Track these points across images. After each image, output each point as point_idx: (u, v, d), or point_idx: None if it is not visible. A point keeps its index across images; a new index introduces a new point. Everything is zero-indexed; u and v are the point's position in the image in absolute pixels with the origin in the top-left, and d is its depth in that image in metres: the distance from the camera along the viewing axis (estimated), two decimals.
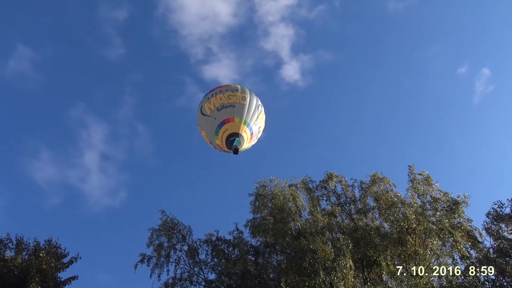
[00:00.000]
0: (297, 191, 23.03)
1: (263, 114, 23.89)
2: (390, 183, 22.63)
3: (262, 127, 24.09)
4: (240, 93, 22.86)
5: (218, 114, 22.47)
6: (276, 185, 23.04)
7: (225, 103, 22.43)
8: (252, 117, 22.73)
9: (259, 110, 23.33)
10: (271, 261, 21.42)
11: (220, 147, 23.13)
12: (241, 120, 22.35)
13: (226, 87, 23.39)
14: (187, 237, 21.60)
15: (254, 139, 23.75)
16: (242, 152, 22.43)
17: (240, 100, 22.71)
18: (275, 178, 23.32)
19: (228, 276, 20.68)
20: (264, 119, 24.28)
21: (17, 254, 16.43)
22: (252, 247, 21.73)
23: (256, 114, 23.02)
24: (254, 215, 22.30)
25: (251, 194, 22.92)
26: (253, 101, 23.04)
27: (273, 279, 20.84)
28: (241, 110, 22.56)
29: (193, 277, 20.80)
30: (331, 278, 17.27)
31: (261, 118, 23.63)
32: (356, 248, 19.29)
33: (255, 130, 23.26)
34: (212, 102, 22.79)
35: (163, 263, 20.54)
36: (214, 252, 21.45)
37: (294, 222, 21.85)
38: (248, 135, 22.65)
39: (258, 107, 23.29)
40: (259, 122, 23.43)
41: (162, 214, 21.67)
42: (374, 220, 21.88)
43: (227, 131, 22.30)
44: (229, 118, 22.19)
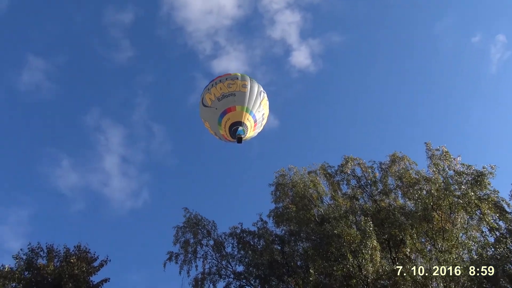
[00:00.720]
0: (317, 178, 22.90)
1: (266, 100, 23.65)
2: (410, 161, 22.37)
3: (266, 113, 23.86)
4: (240, 80, 22.68)
5: (219, 104, 22.36)
6: (295, 173, 22.94)
7: (226, 92, 22.25)
8: (255, 104, 22.50)
9: (261, 97, 23.10)
10: (297, 249, 21.49)
11: (225, 137, 23.06)
12: (243, 108, 22.17)
13: (226, 76, 23.21)
14: (212, 231, 21.77)
15: (258, 127, 23.58)
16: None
17: (241, 88, 22.50)
18: (293, 167, 23.24)
19: (256, 267, 20.83)
20: (268, 105, 24.02)
21: (49, 262, 16.74)
22: (277, 236, 21.80)
23: (259, 100, 22.80)
24: (276, 204, 22.33)
25: (271, 184, 22.91)
26: (254, 88, 22.79)
27: (301, 266, 20.90)
28: (242, 98, 22.33)
29: (221, 270, 21.00)
30: (359, 261, 17.26)
31: (264, 105, 23.38)
32: (381, 229, 19.21)
33: (259, 117, 23.07)
34: (212, 93, 22.67)
35: (191, 259, 20.77)
36: (240, 245, 21.59)
37: (316, 208, 21.80)
38: (251, 123, 22.48)
39: (260, 94, 23.05)
40: (263, 108, 23.20)
41: (186, 211, 21.88)
42: (397, 199, 21.71)
43: (230, 120, 22.18)
44: (230, 107, 22.04)
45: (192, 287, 20.05)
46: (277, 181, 22.69)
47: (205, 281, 20.29)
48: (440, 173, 20.28)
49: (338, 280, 18.96)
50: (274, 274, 20.58)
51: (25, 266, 16.46)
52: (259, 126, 23.65)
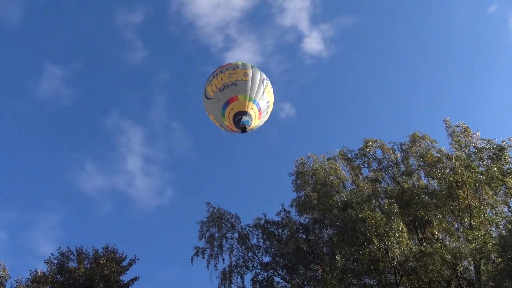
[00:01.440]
0: (337, 164, 22.79)
1: (270, 88, 23.30)
2: (431, 139, 22.05)
3: (271, 101, 23.52)
4: (241, 69, 22.33)
5: (221, 95, 22.08)
6: (315, 160, 22.85)
7: (227, 82, 21.94)
8: (258, 92, 22.17)
9: (264, 84, 22.74)
10: (322, 236, 21.49)
11: (230, 128, 22.82)
12: (245, 97, 21.86)
13: (227, 65, 22.87)
14: (236, 224, 21.87)
15: (264, 115, 23.26)
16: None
17: (242, 76, 22.16)
18: (312, 154, 23.15)
19: (282, 257, 20.90)
20: (272, 92, 23.60)
21: (80, 264, 17.15)
22: (301, 225, 21.78)
23: (262, 88, 22.44)
24: (298, 193, 22.27)
25: (291, 173, 22.85)
26: (256, 76, 22.42)
27: (327, 253, 20.89)
28: (244, 86, 21.99)
29: (248, 262, 21.13)
30: (385, 244, 17.16)
31: (268, 92, 23.00)
32: (405, 211, 19.02)
33: (263, 106, 22.78)
34: (214, 84, 22.40)
35: (217, 253, 20.94)
36: (265, 235, 21.62)
37: (338, 194, 21.73)
38: (256, 111, 22.20)
39: (263, 81, 22.72)
40: (266, 96, 22.84)
41: (208, 206, 21.99)
42: (420, 180, 21.47)
43: (233, 111, 21.87)
44: (232, 97, 21.74)
45: (221, 280, 20.21)
46: (297, 170, 22.62)
47: (233, 274, 20.43)
48: (462, 150, 19.92)
49: (365, 265, 18.94)
50: (300, 262, 20.59)
51: (57, 270, 16.91)
52: (265, 115, 23.36)
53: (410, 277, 18.01)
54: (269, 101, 23.11)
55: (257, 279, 20.61)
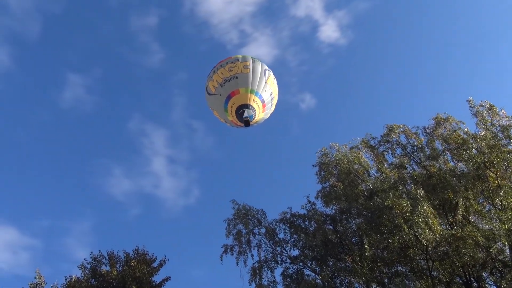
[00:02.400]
0: (360, 152, 22.54)
1: (272, 78, 23.06)
2: (456, 121, 21.55)
3: (275, 92, 23.26)
4: (241, 62, 22.20)
5: (223, 90, 22.02)
6: (338, 150, 22.68)
7: (227, 76, 21.87)
8: (259, 84, 22.00)
9: (266, 76, 22.51)
10: (350, 226, 21.38)
11: (235, 123, 22.71)
12: (247, 90, 21.73)
13: (227, 59, 22.80)
14: (262, 220, 21.98)
15: (268, 107, 23.03)
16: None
17: (242, 69, 22.04)
18: (335, 144, 22.98)
19: (311, 249, 20.92)
20: (276, 83, 23.34)
21: (112, 268, 17.65)
22: (327, 216, 21.72)
23: (264, 80, 22.24)
24: (322, 184, 22.18)
25: (314, 164, 22.74)
26: (257, 68, 22.21)
27: (356, 243, 20.77)
28: (245, 79, 21.85)
29: (277, 256, 21.25)
30: (414, 230, 16.94)
31: (271, 83, 22.77)
32: (433, 195, 18.70)
33: (267, 97, 22.57)
34: (215, 79, 22.36)
35: (246, 249, 21.12)
36: (292, 229, 21.68)
37: (364, 183, 21.55)
38: (259, 104, 22.01)
39: (265, 72, 22.48)
40: (269, 88, 22.59)
41: (234, 204, 22.16)
42: (447, 162, 21.04)
43: (235, 104, 21.81)
44: (234, 91, 21.67)
45: (251, 276, 20.37)
46: (320, 161, 22.49)
47: (263, 269, 20.58)
48: (488, 129, 19.42)
49: (396, 252, 18.76)
50: (330, 254, 20.58)
51: (91, 274, 17.47)
52: (269, 107, 23.11)
53: (442, 262, 17.76)
54: (273, 92, 22.94)
55: (287, 273, 20.71)
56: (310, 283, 19.44)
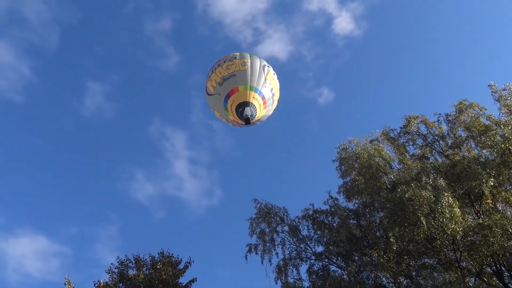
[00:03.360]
0: (380, 145, 22.36)
1: (272, 74, 22.85)
2: (480, 106, 21.15)
3: (275, 87, 23.03)
4: (239, 59, 22.12)
5: (221, 89, 21.94)
6: (357, 144, 22.51)
7: (225, 75, 21.79)
8: (259, 80, 21.85)
9: (265, 71, 22.33)
10: (374, 220, 21.21)
11: (237, 122, 22.62)
12: (246, 87, 21.61)
13: (224, 58, 22.75)
14: (285, 217, 22.07)
15: (270, 104, 22.82)
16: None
17: (240, 66, 21.93)
18: (353, 138, 22.77)
19: (335, 245, 20.89)
20: (276, 79, 23.12)
21: (139, 271, 18.09)
22: (351, 211, 21.64)
23: (263, 76, 22.09)
24: (344, 179, 22.08)
25: (334, 160, 22.66)
26: (255, 64, 22.06)
27: (381, 237, 20.59)
28: (243, 76, 21.71)
29: (301, 254, 21.29)
30: (439, 221, 16.75)
31: (271, 79, 22.58)
32: (458, 184, 18.43)
33: (267, 94, 22.39)
34: (213, 79, 22.33)
35: (270, 248, 21.21)
36: (315, 225, 21.67)
37: (386, 175, 21.34)
38: (259, 101, 21.88)
39: (264, 68, 22.31)
40: (269, 83, 22.41)
41: (256, 203, 22.31)
42: (471, 150, 20.69)
43: (234, 103, 21.69)
44: (232, 89, 21.58)
45: (276, 274, 20.48)
46: (340, 156, 22.37)
47: (288, 267, 20.65)
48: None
49: (422, 244, 18.59)
50: (354, 249, 20.50)
51: (118, 278, 17.94)
52: (271, 103, 22.88)
53: (471, 253, 17.49)
54: (274, 87, 22.80)
55: (312, 270, 20.75)
56: (336, 279, 19.44)
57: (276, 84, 23.13)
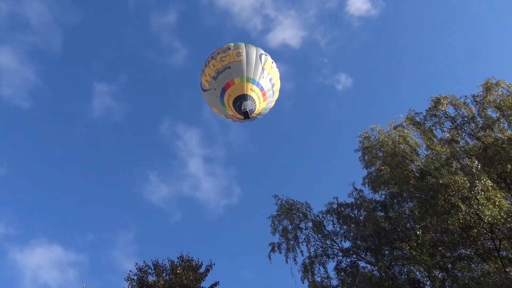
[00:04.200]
0: (405, 130, 21.31)
1: (270, 63, 21.88)
2: (508, 83, 19.94)
3: (275, 77, 22.07)
4: (233, 50, 21.19)
5: (216, 83, 21.12)
6: (380, 131, 21.55)
7: (219, 68, 20.94)
8: (256, 71, 20.96)
9: (263, 61, 21.39)
10: (403, 210, 20.29)
11: (236, 117, 21.67)
12: (242, 79, 20.71)
13: (218, 50, 21.87)
14: (308, 213, 21.24)
15: (270, 95, 21.86)
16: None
17: (235, 57, 21.02)
18: (376, 126, 21.82)
19: (363, 240, 20.06)
20: (275, 67, 22.16)
21: (158, 277, 17.49)
22: (377, 202, 20.76)
23: (260, 66, 21.17)
24: (368, 169, 21.22)
25: (357, 149, 21.86)
26: (251, 54, 21.16)
27: (412, 228, 19.61)
28: (239, 68, 20.82)
29: (328, 250, 20.47)
30: (476, 208, 15.64)
31: (269, 68, 21.63)
32: (491, 168, 17.25)
33: (266, 85, 21.44)
34: (207, 73, 21.52)
35: (294, 245, 20.46)
36: (341, 220, 20.86)
37: (413, 163, 20.30)
38: (258, 93, 20.98)
39: (261, 57, 21.38)
40: (267, 73, 21.47)
41: (276, 199, 21.56)
42: (504, 130, 19.45)
43: (231, 97, 20.86)
44: (228, 82, 20.71)
45: (302, 273, 19.71)
46: (363, 145, 21.51)
47: (314, 265, 19.86)
48: None
49: (457, 234, 17.51)
50: (384, 242, 19.65)
51: (138, 285, 17.34)
52: (271, 94, 21.87)
53: (511, 240, 16.33)
54: (273, 77, 21.84)
55: (340, 267, 19.97)
56: (366, 275, 18.66)
57: (276, 73, 22.25)
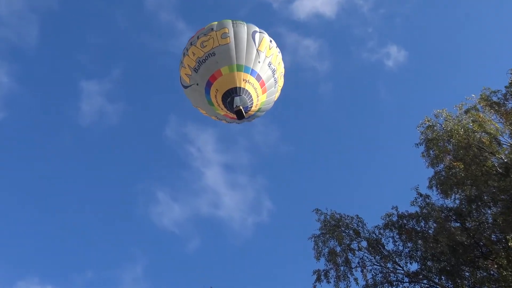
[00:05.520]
0: (480, 114, 17.54)
1: (267, 42, 18.02)
2: None
3: (275, 59, 18.19)
4: (217, 30, 17.42)
5: (199, 76, 17.40)
6: (447, 118, 17.88)
7: (201, 56, 17.18)
8: (248, 55, 17.28)
9: (257, 41, 17.63)
10: (485, 219, 16.64)
11: (229, 117, 18.00)
12: (231, 68, 17.01)
13: (198, 32, 17.92)
14: (360, 229, 17.18)
15: (272, 84, 18.03)
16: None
17: (219, 40, 17.22)
18: (441, 110, 17.99)
19: (435, 259, 16.38)
20: (275, 47, 18.23)
21: None
22: (450, 210, 16.92)
23: (254, 48, 17.45)
24: (435, 168, 17.48)
25: (418, 143, 17.99)
26: (240, 33, 17.41)
27: (499, 241, 15.86)
28: (226, 53, 17.08)
29: (389, 276, 16.51)
30: None
31: (266, 50, 17.79)
32: None
33: (265, 71, 17.66)
34: (186, 65, 17.65)
35: (345, 272, 16.48)
36: (403, 235, 17.00)
37: (494, 156, 16.65)
38: (254, 83, 17.27)
39: (254, 37, 17.63)
40: (264, 56, 17.65)
41: (318, 214, 17.48)
42: None
43: (219, 92, 17.16)
44: (213, 74, 17.00)
45: None
46: (426, 137, 17.92)
47: None
48: None
49: None
50: (463, 261, 15.71)
51: None
52: (273, 83, 17.99)
53: None
54: (273, 60, 17.90)
55: None
56: None
57: (276, 54, 18.14)
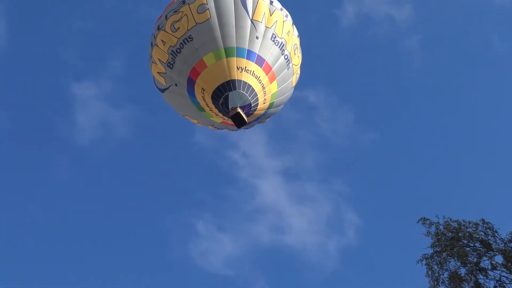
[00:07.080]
0: None
1: (265, 6, 13.25)
2: None
3: (281, 26, 13.24)
4: (190, 3, 13.01)
5: (175, 73, 13.12)
6: None
7: (174, 44, 12.95)
8: (241, 30, 12.76)
9: (251, 7, 12.95)
10: None
11: (230, 124, 13.75)
12: (218, 53, 12.59)
13: (166, 10, 13.57)
14: (491, 240, 12.62)
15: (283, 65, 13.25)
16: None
17: (196, 16, 12.72)
18: None
19: None
20: (279, 11, 13.39)
21: None
22: None
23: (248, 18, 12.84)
24: None
25: None
26: (224, 2, 12.96)
27: None
28: (208, 34, 12.66)
29: None
30: None
31: (266, 17, 12.99)
32: None
33: (268, 49, 12.92)
34: (157, 59, 13.39)
35: None
36: None
37: None
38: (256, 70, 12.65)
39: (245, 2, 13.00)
40: (264, 26, 12.93)
41: (427, 225, 13.14)
42: None
43: (206, 92, 12.88)
44: (194, 67, 12.67)
45: None
46: None
47: None
48: None
49: None
50: None
51: None
52: (285, 63, 13.11)
53: None
54: (277, 30, 12.82)
55: None
56: None
57: (282, 20, 13.28)
